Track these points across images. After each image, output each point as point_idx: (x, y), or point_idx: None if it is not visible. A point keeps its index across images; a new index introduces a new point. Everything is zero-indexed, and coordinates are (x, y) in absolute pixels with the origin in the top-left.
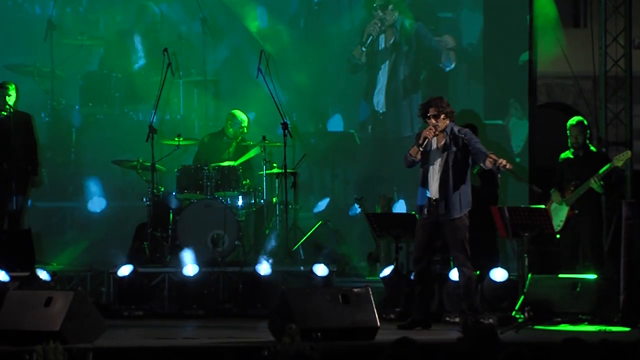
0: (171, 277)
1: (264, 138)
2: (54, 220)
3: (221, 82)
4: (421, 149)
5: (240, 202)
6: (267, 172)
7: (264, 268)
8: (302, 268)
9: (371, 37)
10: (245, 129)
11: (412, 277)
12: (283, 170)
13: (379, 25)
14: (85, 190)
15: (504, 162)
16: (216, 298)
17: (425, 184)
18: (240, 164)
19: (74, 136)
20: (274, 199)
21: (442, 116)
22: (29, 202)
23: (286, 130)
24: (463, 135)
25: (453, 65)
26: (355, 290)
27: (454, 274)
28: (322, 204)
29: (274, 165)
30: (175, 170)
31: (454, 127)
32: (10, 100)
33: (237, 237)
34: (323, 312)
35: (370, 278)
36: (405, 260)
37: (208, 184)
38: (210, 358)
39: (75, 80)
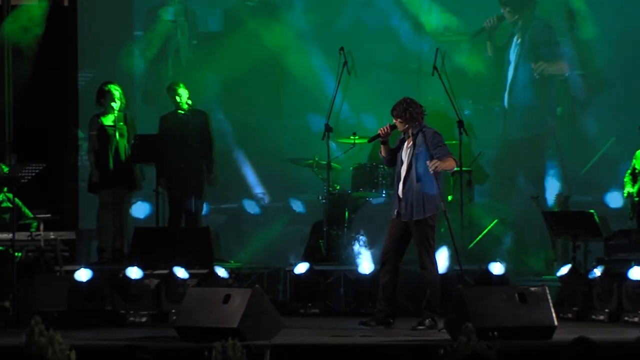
0: (347, 275)
1: None
2: (231, 218)
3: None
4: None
5: None
6: None
7: (440, 267)
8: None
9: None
10: None
11: (589, 277)
12: (458, 169)
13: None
14: (259, 188)
15: (433, 166)
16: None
17: (396, 184)
18: None
19: None
20: (449, 197)
21: (399, 119)
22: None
23: (462, 129)
24: (427, 137)
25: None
26: (532, 289)
27: (634, 273)
28: None
29: None
30: (351, 168)
31: (424, 129)
32: (181, 99)
33: None
34: (499, 311)
35: (547, 277)
36: (582, 259)
37: (383, 182)
38: (386, 356)
39: None
